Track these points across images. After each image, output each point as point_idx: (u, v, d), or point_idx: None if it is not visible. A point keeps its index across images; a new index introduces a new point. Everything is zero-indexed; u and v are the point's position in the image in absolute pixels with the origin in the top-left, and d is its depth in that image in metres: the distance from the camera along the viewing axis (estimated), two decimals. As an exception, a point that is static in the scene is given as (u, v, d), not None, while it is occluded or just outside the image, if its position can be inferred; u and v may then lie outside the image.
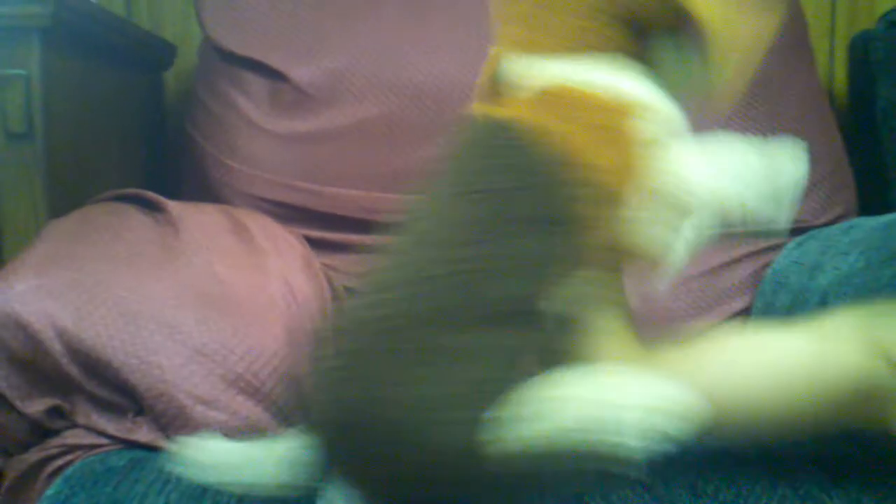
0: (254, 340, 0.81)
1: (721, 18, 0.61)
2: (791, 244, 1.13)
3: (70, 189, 1.08)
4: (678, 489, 0.69)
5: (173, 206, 0.98)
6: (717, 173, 0.58)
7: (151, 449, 0.78)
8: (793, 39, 1.27)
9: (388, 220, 1.13)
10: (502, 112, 0.63)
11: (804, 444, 0.69)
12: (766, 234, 0.99)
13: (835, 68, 1.47)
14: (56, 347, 0.77)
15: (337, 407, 0.57)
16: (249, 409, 0.77)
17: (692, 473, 0.70)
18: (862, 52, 1.34)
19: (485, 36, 1.22)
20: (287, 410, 0.79)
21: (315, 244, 1.15)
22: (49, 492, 0.74)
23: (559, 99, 0.61)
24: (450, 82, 1.20)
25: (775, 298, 1.06)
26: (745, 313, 1.12)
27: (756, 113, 1.21)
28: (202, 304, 0.82)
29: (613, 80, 0.61)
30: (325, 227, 1.20)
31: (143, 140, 1.38)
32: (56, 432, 0.80)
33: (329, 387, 0.58)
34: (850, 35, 1.42)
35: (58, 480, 0.75)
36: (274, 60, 1.25)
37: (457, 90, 1.20)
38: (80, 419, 0.80)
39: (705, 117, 1.18)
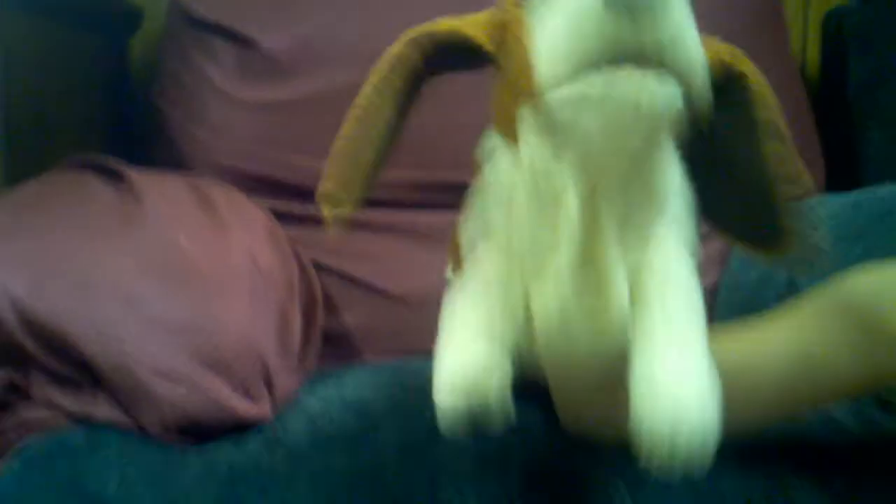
0: (216, 312, 0.79)
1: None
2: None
3: (29, 156, 1.06)
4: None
5: (136, 175, 0.96)
6: None
7: (109, 425, 0.77)
8: (766, 14, 1.27)
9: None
10: None
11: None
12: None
13: (808, 43, 1.47)
14: (10, 318, 0.75)
15: None
16: (210, 382, 0.76)
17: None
18: (835, 27, 1.34)
19: (459, 4, 1.22)
20: (249, 385, 0.78)
21: (282, 217, 1.14)
22: (2, 468, 0.72)
23: None
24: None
25: (743, 275, 1.06)
26: (714, 290, 1.12)
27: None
28: (164, 276, 0.81)
29: None
30: (292, 198, 1.19)
31: (107, 107, 1.35)
32: (10, 407, 0.78)
33: None
34: (823, 10, 1.42)
35: (11, 457, 0.73)
36: (244, 27, 1.23)
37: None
38: (36, 393, 0.78)
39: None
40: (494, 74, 0.56)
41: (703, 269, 0.92)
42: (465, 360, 0.52)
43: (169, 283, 0.80)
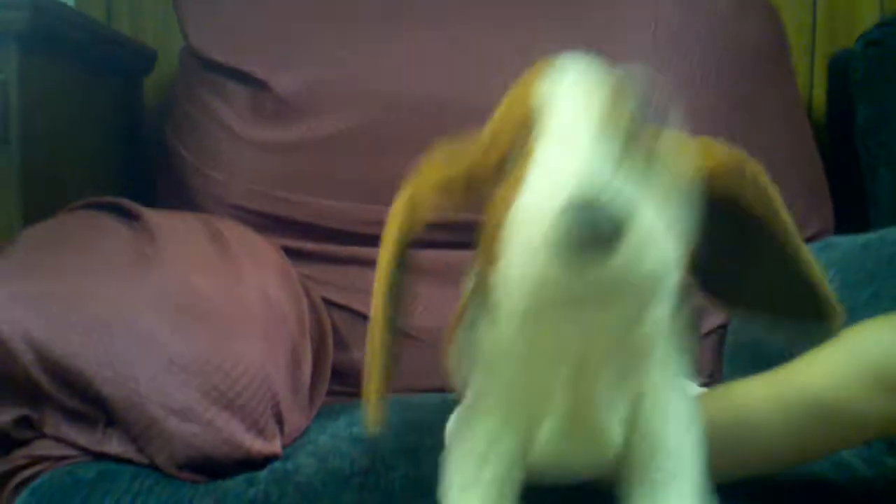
0: (229, 351, 0.80)
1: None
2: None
3: (45, 196, 1.07)
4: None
5: (149, 214, 0.97)
6: None
7: (121, 461, 0.77)
8: (774, 56, 1.28)
9: (366, 231, 1.13)
10: None
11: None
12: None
13: (814, 86, 1.48)
14: (26, 357, 0.76)
15: None
16: (224, 421, 0.76)
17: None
18: (841, 70, 1.35)
19: (468, 46, 1.23)
20: (262, 422, 0.79)
21: (293, 254, 1.14)
22: (17, 503, 0.73)
23: None
24: (430, 93, 1.20)
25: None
26: (721, 331, 1.13)
27: (735, 131, 1.21)
28: (177, 315, 0.81)
29: None
30: (303, 237, 1.19)
31: (121, 147, 1.37)
32: (24, 443, 0.79)
33: None
34: (829, 53, 1.43)
35: (25, 492, 0.74)
36: (255, 69, 1.24)
37: (439, 100, 1.20)
38: (49, 430, 0.78)
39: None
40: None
41: (711, 309, 0.92)
42: None
43: (183, 321, 0.81)
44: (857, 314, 0.84)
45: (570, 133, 0.45)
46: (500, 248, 0.46)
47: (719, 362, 1.11)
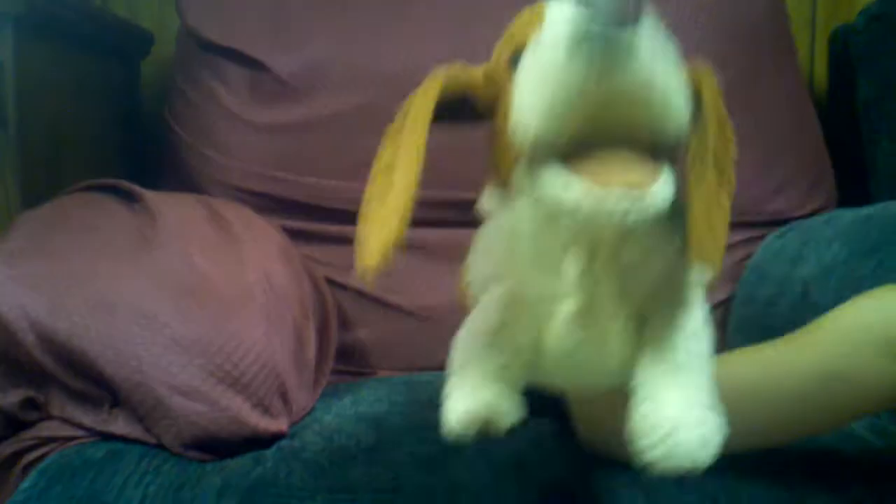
0: (232, 330, 0.80)
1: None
2: (772, 236, 1.13)
3: (44, 179, 1.07)
4: (663, 479, 0.69)
5: (150, 195, 0.96)
6: None
7: (128, 441, 0.77)
8: (774, 31, 1.27)
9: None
10: None
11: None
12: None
13: (815, 61, 1.48)
14: (29, 339, 0.76)
15: None
16: (229, 400, 0.76)
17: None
18: (842, 45, 1.34)
19: (465, 27, 1.23)
20: (267, 401, 0.79)
21: (294, 234, 1.14)
22: (24, 485, 0.72)
23: None
24: (431, 73, 1.20)
25: (756, 289, 1.06)
26: (727, 304, 1.13)
27: (737, 106, 1.21)
28: (179, 295, 0.81)
29: None
30: (304, 217, 1.19)
31: (120, 129, 1.36)
32: (30, 424, 0.79)
33: None
34: (830, 27, 1.43)
35: (33, 473, 0.74)
36: (254, 50, 1.24)
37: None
38: (55, 411, 0.78)
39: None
40: (488, 129, 0.56)
41: (715, 283, 0.91)
42: (477, 401, 0.54)
43: (185, 301, 0.80)
44: (861, 284, 0.85)
45: None
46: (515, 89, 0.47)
47: (724, 337, 1.11)
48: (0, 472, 0.78)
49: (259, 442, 0.77)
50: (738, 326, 1.08)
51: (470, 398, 0.55)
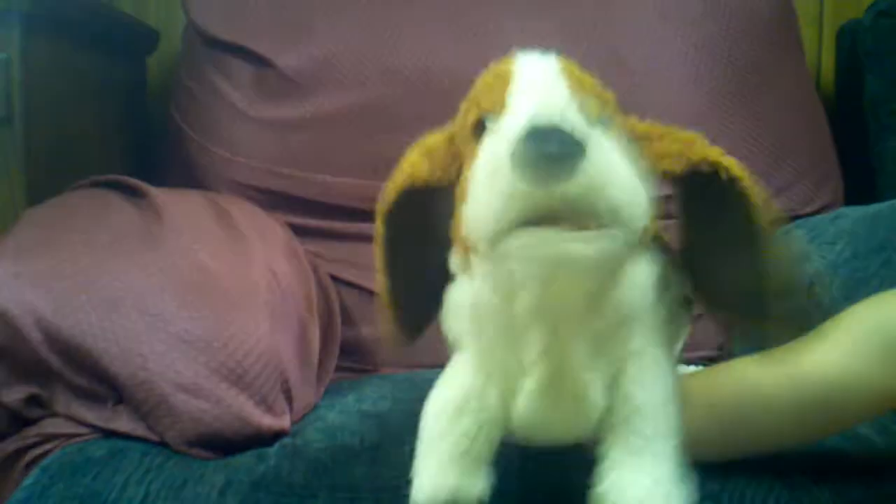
0: (237, 328, 0.80)
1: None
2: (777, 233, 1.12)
3: (49, 175, 1.07)
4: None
5: (155, 192, 0.97)
6: None
7: (131, 438, 0.77)
8: (781, 28, 1.27)
9: (372, 208, 1.12)
10: None
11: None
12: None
13: (822, 57, 1.47)
14: (34, 335, 0.76)
15: None
16: (233, 397, 0.76)
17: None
18: (849, 41, 1.34)
19: (472, 22, 1.23)
20: (271, 398, 0.79)
21: (300, 231, 1.14)
22: (27, 481, 0.73)
23: None
24: (437, 69, 1.20)
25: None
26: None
27: (743, 102, 1.21)
28: (185, 292, 0.81)
29: None
30: (309, 214, 1.19)
31: (125, 126, 1.37)
32: (34, 421, 0.79)
33: None
34: (837, 24, 1.42)
35: (36, 470, 0.74)
36: (259, 46, 1.24)
37: (444, 77, 1.19)
38: (59, 408, 0.79)
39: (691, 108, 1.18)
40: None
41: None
42: (442, 485, 0.56)
43: (190, 298, 0.81)
44: (868, 283, 0.84)
45: (537, 86, 0.49)
46: (468, 189, 0.48)
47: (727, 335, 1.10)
48: (3, 469, 0.78)
49: (262, 439, 0.77)
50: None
51: (435, 480, 0.56)
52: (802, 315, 0.57)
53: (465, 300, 0.56)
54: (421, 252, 0.59)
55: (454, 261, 0.57)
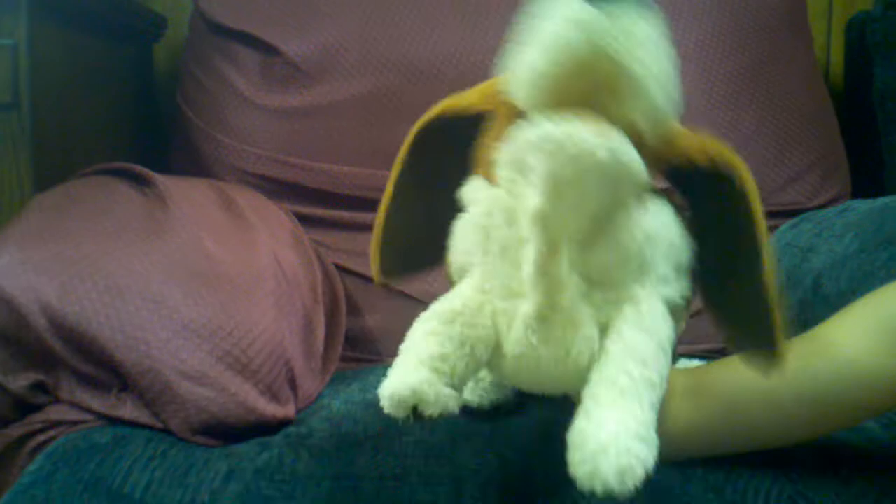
0: (242, 316, 0.80)
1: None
2: (785, 226, 1.12)
3: (56, 162, 1.07)
4: (667, 471, 0.68)
5: (161, 180, 0.96)
6: None
7: (136, 425, 0.77)
8: (790, 20, 1.26)
9: (379, 197, 1.12)
10: None
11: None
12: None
13: (831, 49, 1.46)
14: (40, 322, 0.76)
15: None
16: (237, 386, 0.76)
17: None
18: (859, 33, 1.33)
19: (478, 11, 1.22)
20: (275, 387, 0.79)
21: (305, 220, 1.14)
22: (31, 468, 0.73)
23: None
24: (443, 57, 1.19)
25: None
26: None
27: (752, 94, 1.20)
28: (190, 280, 0.81)
29: None
30: (315, 202, 1.19)
31: (132, 113, 1.37)
32: (39, 408, 0.79)
33: None
34: (847, 16, 1.41)
35: (40, 456, 0.74)
36: (266, 34, 1.24)
37: (451, 65, 1.19)
38: (64, 395, 0.79)
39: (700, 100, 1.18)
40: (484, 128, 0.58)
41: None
42: (406, 384, 0.54)
43: (195, 286, 0.81)
44: (875, 276, 0.84)
45: None
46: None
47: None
48: (8, 455, 0.78)
49: (266, 428, 0.77)
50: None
51: (399, 379, 0.54)
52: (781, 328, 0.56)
53: (475, 217, 0.56)
54: (423, 197, 0.61)
55: (469, 188, 0.58)
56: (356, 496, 0.68)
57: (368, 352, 1.12)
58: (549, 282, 0.52)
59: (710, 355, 1.02)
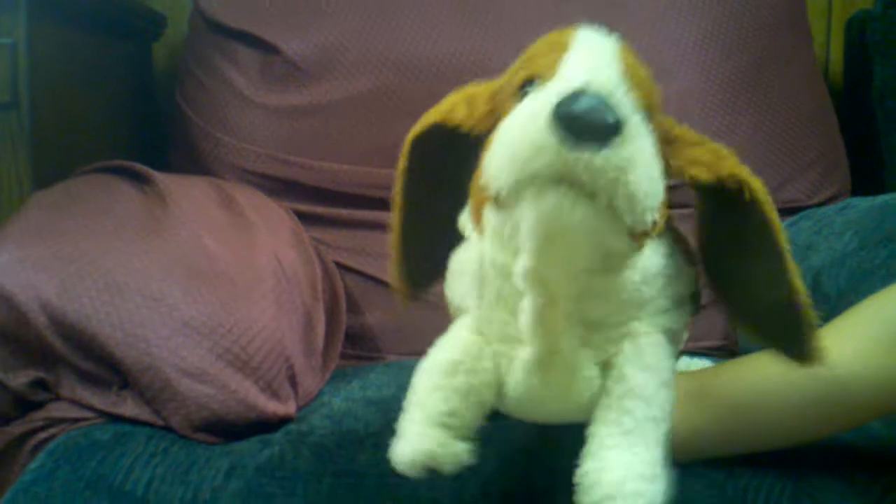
0: (242, 314, 0.80)
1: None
2: (784, 224, 1.12)
3: (56, 160, 1.07)
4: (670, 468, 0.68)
5: (161, 178, 0.96)
6: None
7: (137, 423, 0.77)
8: (790, 18, 1.26)
9: (378, 195, 1.12)
10: None
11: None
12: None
13: (831, 48, 1.46)
14: (40, 319, 0.76)
15: None
16: (237, 383, 0.76)
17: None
18: (858, 32, 1.33)
19: (478, 9, 1.22)
20: (276, 384, 0.79)
21: (305, 218, 1.14)
22: (33, 465, 0.73)
23: None
24: (444, 56, 1.19)
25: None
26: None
27: (752, 93, 1.20)
28: (190, 277, 0.81)
29: None
30: (315, 201, 1.19)
31: (132, 111, 1.37)
32: (40, 405, 0.79)
33: None
34: (846, 15, 1.41)
35: (41, 454, 0.74)
36: (266, 33, 1.23)
37: (451, 64, 1.19)
38: (65, 392, 0.79)
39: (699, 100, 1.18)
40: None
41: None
42: (421, 450, 0.55)
43: (195, 284, 0.81)
44: (875, 274, 0.84)
45: (592, 59, 0.48)
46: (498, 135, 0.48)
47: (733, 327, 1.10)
48: (8, 453, 0.78)
49: (267, 425, 0.77)
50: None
51: (413, 445, 0.56)
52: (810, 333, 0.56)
53: (470, 260, 0.56)
54: (434, 205, 0.59)
55: (465, 219, 0.57)
56: (357, 493, 0.68)
57: (368, 349, 1.12)
58: (547, 330, 0.52)
59: (709, 352, 1.02)
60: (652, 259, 0.54)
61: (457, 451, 0.55)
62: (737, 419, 0.66)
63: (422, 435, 0.56)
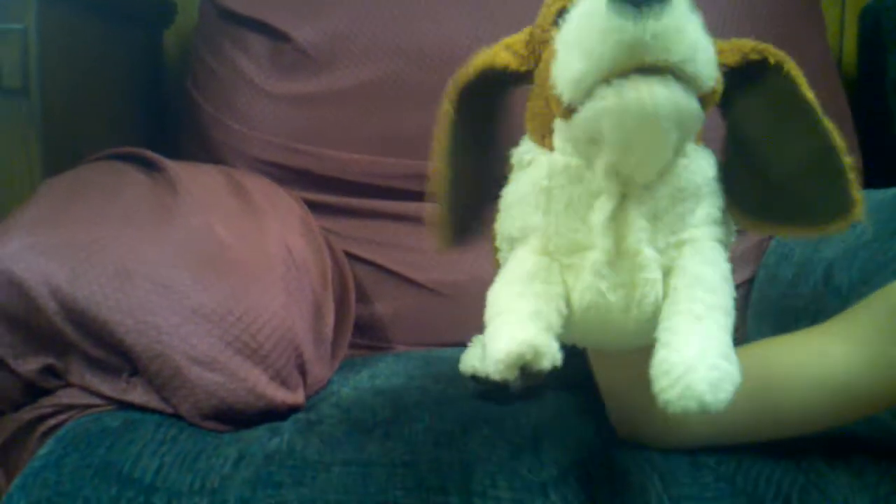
0: (252, 301, 0.80)
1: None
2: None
3: (66, 147, 1.07)
4: (678, 460, 0.68)
5: (171, 165, 0.96)
6: None
7: (146, 410, 0.78)
8: (803, 7, 1.25)
9: (388, 185, 1.12)
10: None
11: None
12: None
13: (844, 37, 1.45)
14: (50, 306, 0.76)
15: None
16: (247, 371, 0.76)
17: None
18: (873, 21, 1.32)
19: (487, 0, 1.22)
20: (285, 373, 0.79)
21: (314, 207, 1.14)
22: (42, 451, 0.73)
23: None
24: (454, 44, 1.19)
25: (779, 270, 1.05)
26: (748, 284, 1.12)
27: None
28: (200, 265, 0.81)
29: None
30: (324, 189, 1.19)
31: (142, 98, 1.36)
32: (49, 391, 0.80)
33: None
34: (861, 4, 1.40)
35: (51, 440, 0.75)
36: (276, 20, 1.23)
37: (461, 52, 1.18)
38: (74, 379, 0.79)
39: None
40: (530, 88, 0.60)
41: (738, 263, 0.92)
42: (521, 339, 0.53)
43: (205, 271, 0.81)
44: (888, 266, 0.84)
45: None
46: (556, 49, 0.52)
47: (744, 318, 1.10)
48: (18, 439, 0.79)
49: (276, 413, 0.77)
50: (759, 307, 1.07)
51: (513, 336, 0.54)
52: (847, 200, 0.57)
53: (532, 181, 0.58)
54: (476, 152, 0.61)
55: (520, 150, 0.59)
56: (366, 482, 0.68)
57: (377, 339, 1.12)
58: (618, 226, 0.54)
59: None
60: (706, 161, 0.56)
61: (553, 346, 0.54)
62: (768, 395, 0.66)
63: (521, 327, 0.54)
